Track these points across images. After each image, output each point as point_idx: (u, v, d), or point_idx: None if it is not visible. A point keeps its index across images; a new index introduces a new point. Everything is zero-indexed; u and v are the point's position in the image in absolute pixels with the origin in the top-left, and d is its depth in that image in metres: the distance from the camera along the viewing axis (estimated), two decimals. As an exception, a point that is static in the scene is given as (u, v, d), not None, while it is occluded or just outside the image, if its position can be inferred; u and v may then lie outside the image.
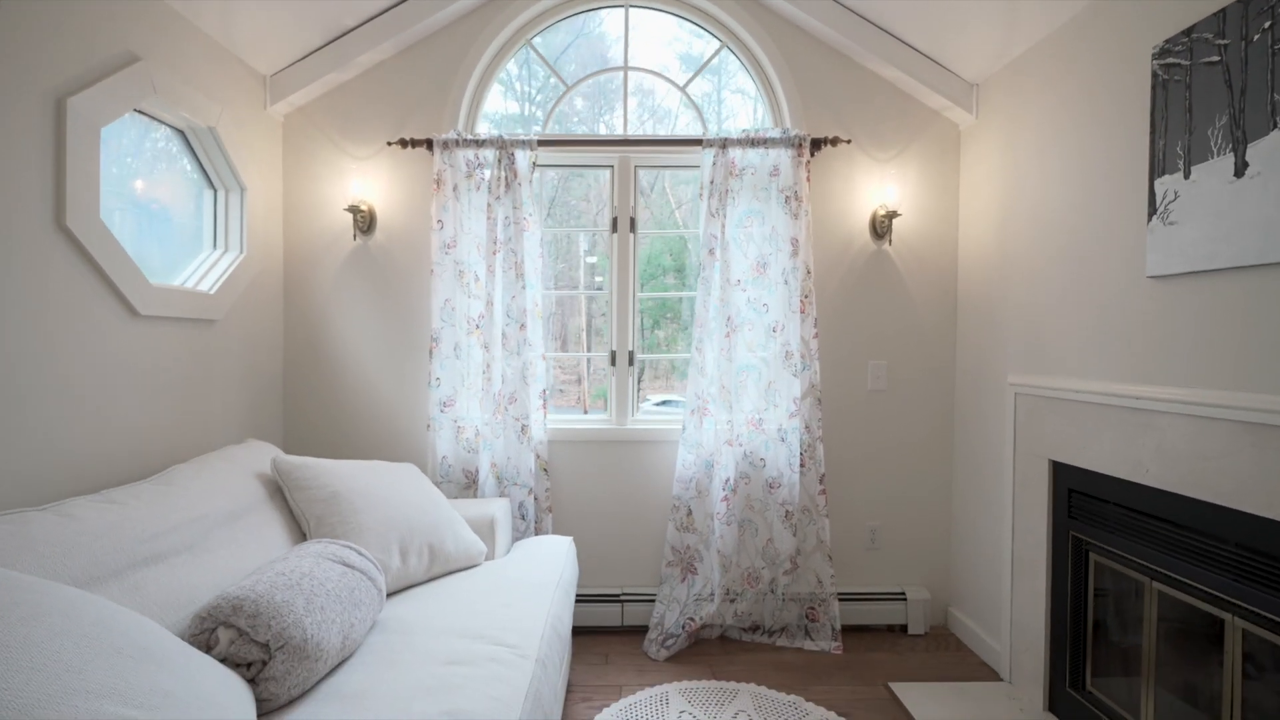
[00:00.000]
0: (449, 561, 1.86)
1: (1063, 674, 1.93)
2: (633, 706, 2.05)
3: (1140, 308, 1.68)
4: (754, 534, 2.51)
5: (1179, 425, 1.51)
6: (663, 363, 2.88)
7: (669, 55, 2.78)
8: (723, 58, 2.76)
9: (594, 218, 2.88)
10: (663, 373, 2.86)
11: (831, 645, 2.43)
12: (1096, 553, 1.83)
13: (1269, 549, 1.32)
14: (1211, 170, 1.46)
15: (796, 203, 2.48)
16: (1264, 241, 1.34)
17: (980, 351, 2.44)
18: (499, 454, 2.48)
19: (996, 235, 2.34)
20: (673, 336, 2.90)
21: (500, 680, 1.27)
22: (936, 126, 2.62)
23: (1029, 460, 2.06)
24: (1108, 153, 1.80)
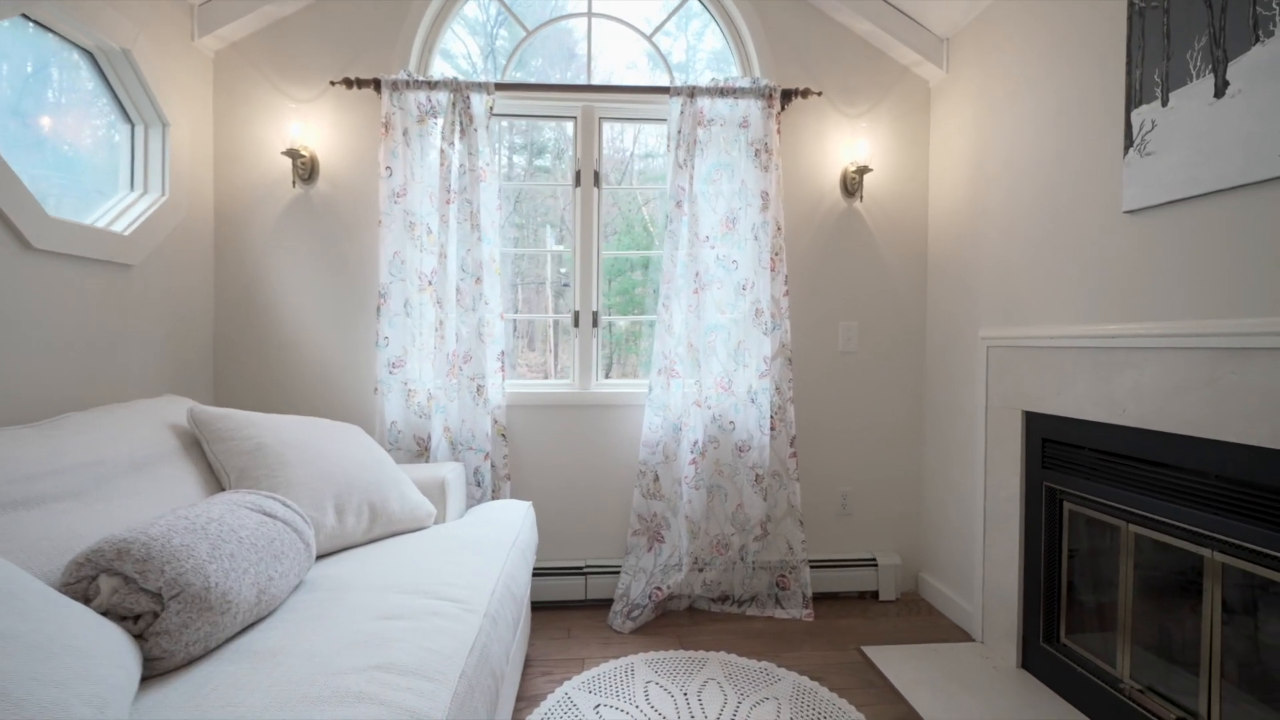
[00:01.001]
0: (392, 522, 1.70)
1: (1036, 629, 1.89)
2: (596, 679, 1.93)
3: (1117, 245, 1.63)
4: (723, 499, 2.42)
5: (1158, 360, 1.46)
6: (629, 360, 2.74)
7: (635, 14, 2.64)
8: (691, 22, 2.65)
9: (558, 206, 2.74)
10: (630, 371, 2.73)
11: (803, 613, 2.36)
12: (1071, 501, 1.79)
13: (1250, 477, 1.28)
14: (1191, 94, 1.42)
15: (767, 155, 2.39)
16: (1245, 160, 1.29)
17: (951, 308, 2.40)
18: (453, 418, 2.32)
19: (968, 190, 2.29)
20: (638, 332, 2.75)
21: (442, 633, 1.13)
22: (907, 83, 2.57)
23: (1001, 414, 2.02)
24: (1082, 91, 1.76)
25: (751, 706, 1.78)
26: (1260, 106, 1.27)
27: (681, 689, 1.87)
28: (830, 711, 1.75)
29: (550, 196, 2.68)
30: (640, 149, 2.74)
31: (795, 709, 1.76)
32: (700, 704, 1.80)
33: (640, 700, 1.82)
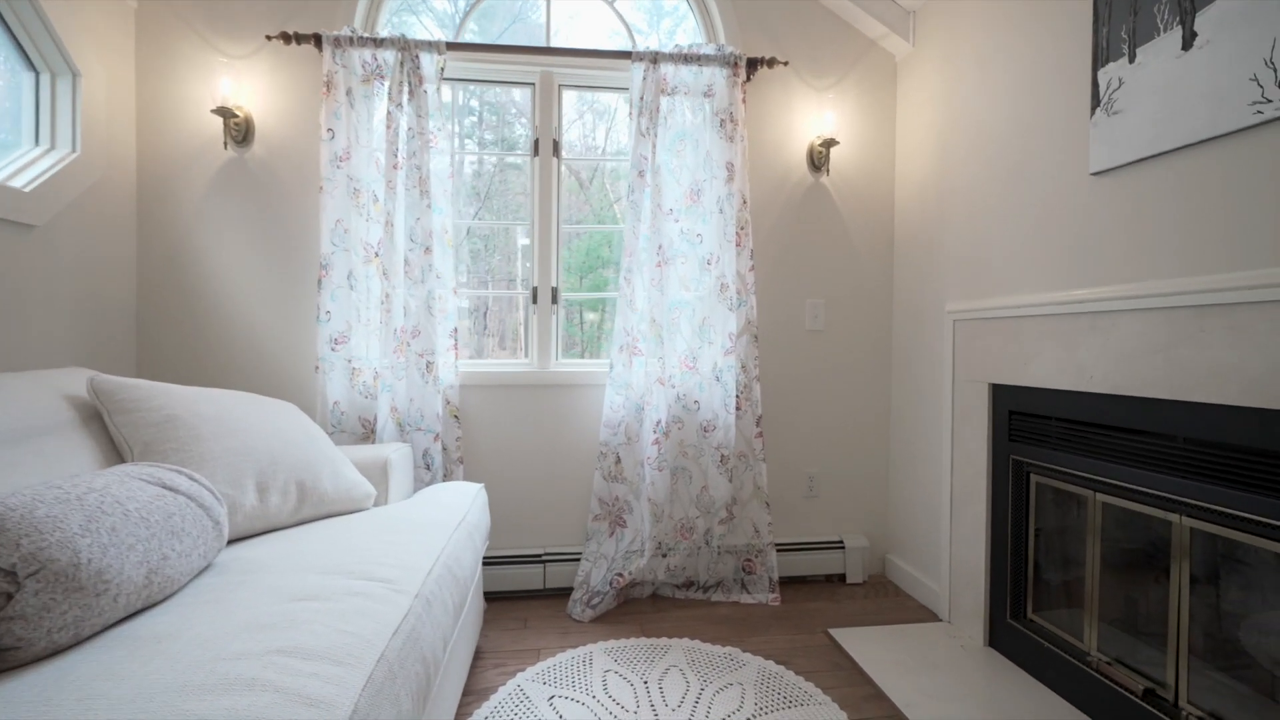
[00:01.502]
0: (325, 503, 1.56)
1: (1003, 607, 1.85)
2: (551, 669, 1.82)
3: (1083, 208, 1.60)
4: (688, 481, 2.33)
5: (1125, 323, 1.43)
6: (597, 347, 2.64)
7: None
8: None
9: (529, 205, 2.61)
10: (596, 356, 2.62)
11: (769, 597, 2.28)
12: (1038, 473, 1.75)
13: (1218, 437, 1.24)
14: (1158, 49, 1.38)
15: (732, 125, 2.31)
16: (1214, 111, 1.26)
17: (918, 284, 2.35)
18: (400, 397, 2.17)
19: (935, 163, 2.25)
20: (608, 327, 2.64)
21: (362, 615, 1.00)
22: (874, 56, 2.52)
23: (968, 388, 1.97)
24: (1050, 54, 1.72)
25: (715, 693, 1.70)
26: (1228, 56, 1.23)
27: (642, 677, 1.78)
28: (796, 695, 1.68)
29: (521, 193, 2.54)
30: (612, 145, 2.63)
31: (760, 693, 1.69)
32: (661, 692, 1.71)
33: (598, 690, 1.72)
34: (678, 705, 1.64)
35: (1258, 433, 1.17)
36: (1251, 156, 1.21)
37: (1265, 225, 1.19)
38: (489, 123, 2.64)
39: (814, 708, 1.62)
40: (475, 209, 2.55)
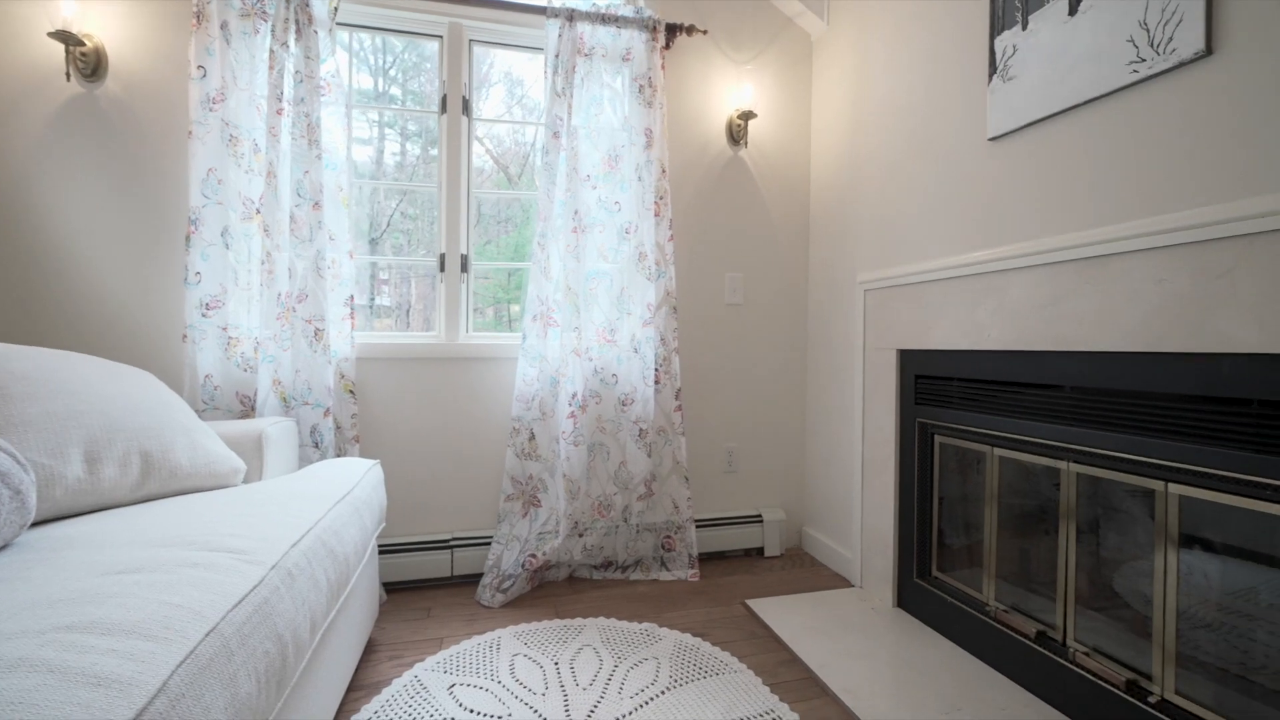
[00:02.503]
0: (178, 477, 1.35)
1: (910, 568, 1.89)
2: (454, 657, 1.68)
3: (981, 172, 1.65)
4: (605, 457, 2.25)
5: (1018, 281, 1.47)
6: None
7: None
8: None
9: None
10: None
11: (688, 573, 2.24)
12: (942, 434, 1.80)
13: (1098, 383, 1.30)
14: (1047, 15, 1.43)
15: (651, 91, 2.25)
16: (1096, 73, 1.31)
17: (832, 257, 2.39)
18: (284, 368, 1.96)
19: (847, 139, 2.29)
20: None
21: (196, 585, 0.85)
22: (790, 34, 2.54)
23: (878, 356, 2.01)
24: (952, 26, 1.77)
25: (630, 668, 1.62)
26: (1108, 20, 1.29)
27: (553, 659, 1.68)
28: (712, 665, 1.63)
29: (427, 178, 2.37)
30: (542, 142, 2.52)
31: (676, 666, 1.63)
32: (572, 672, 1.61)
33: (504, 675, 1.60)
34: (589, 684, 1.55)
35: (1133, 376, 1.23)
36: (1130, 113, 1.27)
37: (1142, 178, 1.25)
38: (402, 86, 2.44)
39: (729, 675, 1.58)
40: (391, 174, 2.36)
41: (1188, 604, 1.19)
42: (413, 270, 2.37)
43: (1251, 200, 1.02)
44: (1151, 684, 1.23)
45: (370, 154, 2.36)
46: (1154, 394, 1.20)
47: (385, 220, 2.38)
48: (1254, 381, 1.04)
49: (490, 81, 2.45)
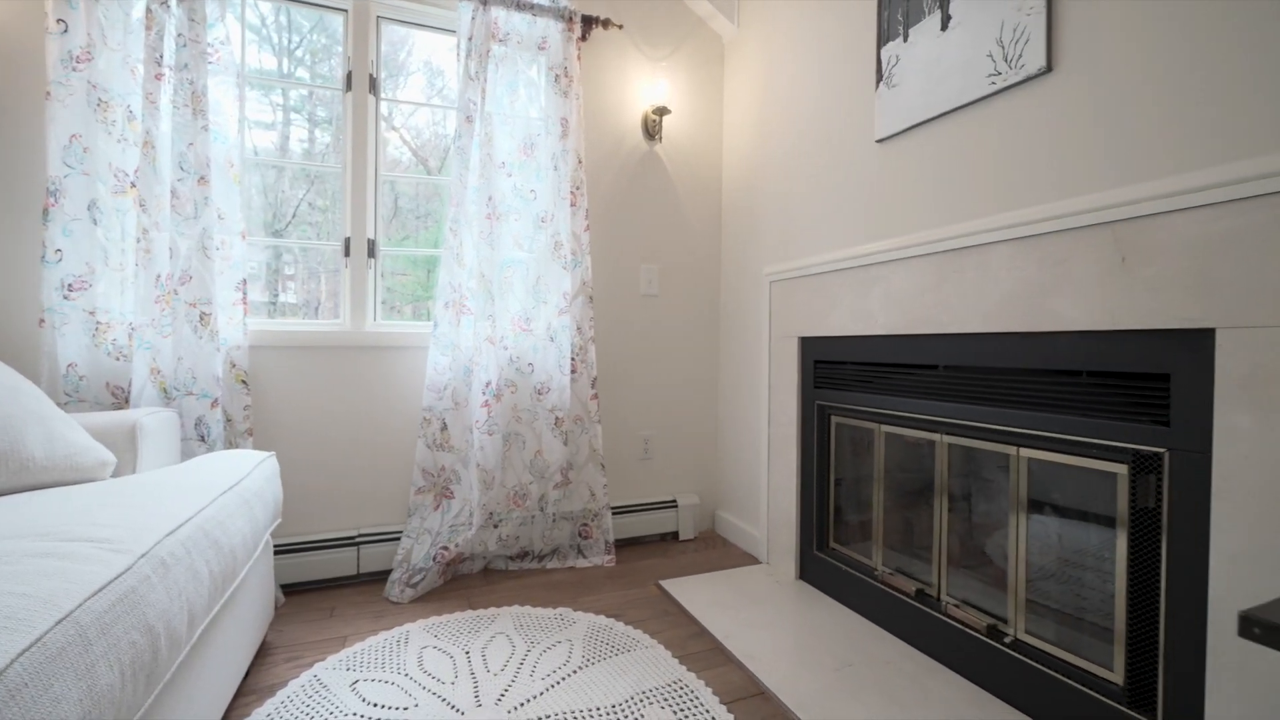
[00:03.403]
0: (30, 470, 1.22)
1: (811, 542, 2.02)
2: (358, 654, 1.62)
3: (871, 171, 1.79)
4: (521, 447, 2.23)
5: (901, 270, 1.61)
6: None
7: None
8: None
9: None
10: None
11: (605, 559, 2.27)
12: (837, 415, 1.93)
13: (965, 361, 1.44)
14: (924, 29, 1.58)
15: (567, 81, 2.26)
16: (963, 82, 1.46)
17: (742, 250, 2.50)
18: (165, 356, 1.81)
19: (756, 139, 2.40)
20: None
21: (50, 575, 0.78)
22: (703, 35, 2.63)
23: (782, 344, 2.13)
24: (846, 36, 1.90)
25: (542, 652, 1.63)
26: (973, 35, 1.44)
27: (464, 648, 1.65)
28: (625, 642, 1.67)
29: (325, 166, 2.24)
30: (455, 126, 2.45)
31: (589, 646, 1.65)
32: (484, 659, 1.60)
33: (412, 668, 1.56)
34: (500, 669, 1.54)
35: (992, 354, 1.38)
36: (990, 119, 1.43)
37: (1000, 177, 1.41)
38: (310, 69, 2.30)
39: (641, 651, 1.62)
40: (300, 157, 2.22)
41: (1036, 557, 1.35)
42: (322, 265, 2.24)
43: (1080, 199, 1.18)
44: (1007, 627, 1.39)
45: (274, 139, 2.22)
46: (1008, 369, 1.36)
47: (291, 210, 2.25)
48: (1082, 355, 1.20)
49: (409, 69, 2.37)
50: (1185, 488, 1.05)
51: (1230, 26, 1.02)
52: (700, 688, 1.45)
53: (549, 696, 1.42)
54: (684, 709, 1.37)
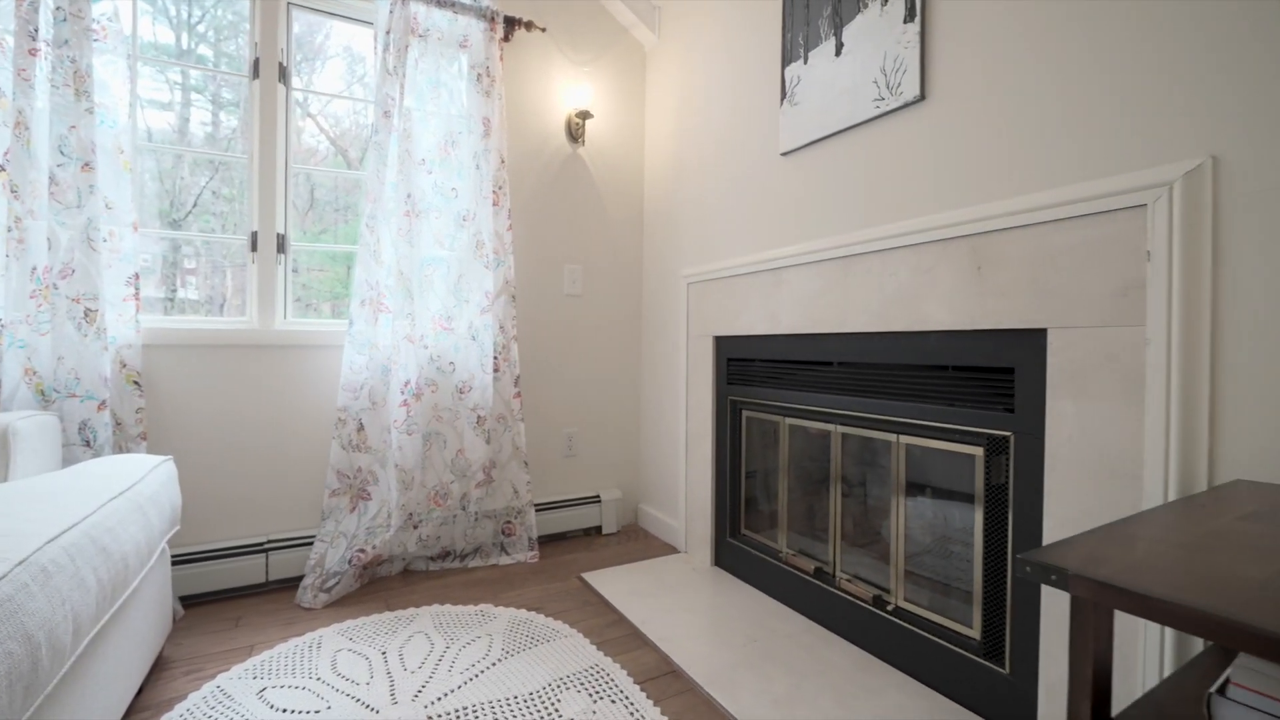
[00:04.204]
0: (-119, 478, 1.11)
1: (725, 530, 2.13)
2: (266, 662, 1.57)
3: (776, 182, 1.92)
4: (442, 446, 2.22)
5: (801, 274, 1.75)
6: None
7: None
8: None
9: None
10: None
11: (528, 555, 2.29)
12: (748, 409, 2.06)
13: (854, 358, 1.59)
14: (821, 54, 1.72)
15: (489, 81, 2.27)
16: (853, 105, 1.61)
17: (662, 253, 2.59)
18: (43, 356, 1.67)
19: (675, 146, 2.50)
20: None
21: (-90, 584, 0.73)
22: (626, 42, 2.70)
23: (698, 342, 2.23)
24: (755, 53, 2.03)
25: (462, 647, 1.64)
26: (861, 62, 1.59)
27: (380, 649, 1.64)
28: (545, 633, 1.71)
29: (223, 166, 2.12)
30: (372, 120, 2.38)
31: (509, 639, 1.68)
32: (401, 658, 1.59)
33: (325, 671, 1.53)
34: (418, 667, 1.55)
35: (876, 351, 1.53)
36: (876, 139, 1.58)
37: (887, 191, 1.56)
38: (214, 46, 2.18)
39: (561, 640, 1.67)
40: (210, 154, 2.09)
41: (914, 533, 1.51)
42: (228, 258, 2.13)
43: (946, 214, 1.34)
44: (890, 596, 1.55)
45: (171, 121, 2.08)
46: (890, 365, 1.51)
47: (192, 199, 2.12)
48: (948, 352, 1.36)
49: (327, 54, 2.29)
50: (1026, 465, 1.22)
51: (1064, 69, 1.20)
52: (616, 670, 1.51)
53: (468, 689, 1.45)
54: (599, 690, 1.43)
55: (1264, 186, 0.93)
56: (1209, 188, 0.98)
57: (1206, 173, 0.98)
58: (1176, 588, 0.50)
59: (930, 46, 1.44)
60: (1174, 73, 1.03)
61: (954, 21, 1.38)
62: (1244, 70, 0.95)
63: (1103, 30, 1.13)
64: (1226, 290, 0.97)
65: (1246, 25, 0.95)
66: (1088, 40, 1.15)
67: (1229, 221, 0.97)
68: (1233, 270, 0.96)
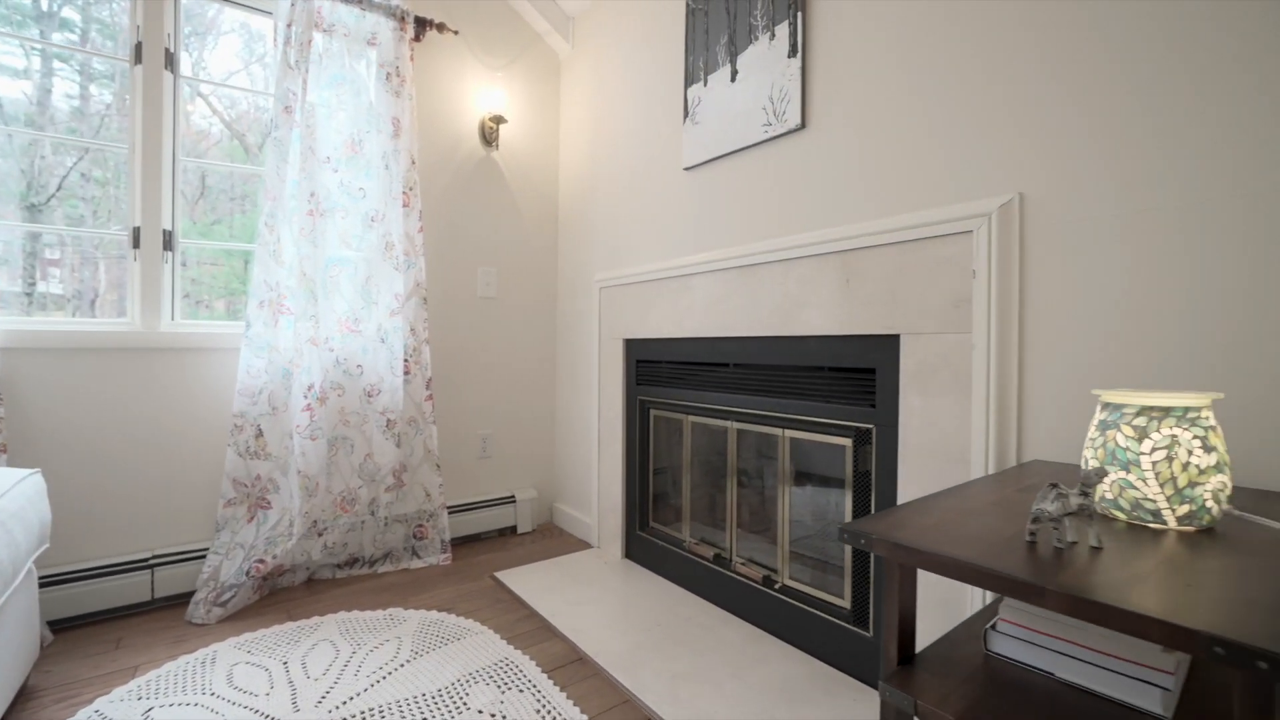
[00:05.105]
0: None
1: (635, 524, 2.24)
2: (152, 682, 1.50)
3: (680, 194, 2.05)
4: (349, 451, 2.18)
5: (702, 281, 1.88)
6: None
7: None
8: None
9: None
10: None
11: (441, 558, 2.29)
12: (655, 408, 2.17)
13: (748, 360, 1.74)
14: (719, 78, 1.86)
15: (399, 81, 2.25)
16: (747, 128, 1.76)
17: (577, 257, 2.67)
18: (-123, 359, 1.50)
19: (588, 152, 2.58)
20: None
21: None
22: (540, 50, 2.75)
23: (610, 344, 2.32)
24: (661, 71, 2.15)
25: (369, 652, 1.63)
26: (753, 89, 1.74)
27: (281, 660, 1.60)
28: (456, 632, 1.73)
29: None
30: (272, 115, 2.27)
31: (418, 640, 1.69)
32: (304, 667, 1.57)
33: (220, 686, 1.48)
34: (322, 674, 1.53)
35: (766, 353, 1.69)
36: (766, 160, 1.74)
37: (776, 208, 1.72)
38: (82, 10, 2.00)
39: (472, 638, 1.70)
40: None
41: (797, 517, 1.68)
42: (101, 249, 1.98)
43: (824, 231, 1.50)
44: (778, 576, 1.70)
45: (28, 90, 1.90)
46: (778, 366, 1.67)
47: (55, 182, 1.95)
48: (825, 354, 1.53)
49: (221, 29, 2.16)
50: (885, 453, 1.40)
51: (918, 111, 1.38)
52: (525, 662, 1.57)
53: (375, 691, 1.45)
54: (508, 682, 1.48)
55: (1053, 218, 1.14)
56: (1017, 219, 1.18)
57: (1015, 206, 1.18)
58: (946, 544, 0.64)
59: (810, 81, 1.60)
60: (997, 123, 1.23)
61: (830, 60, 1.55)
62: (1042, 126, 1.16)
63: (949, 85, 1.32)
64: (1030, 303, 1.18)
65: (1048, 92, 1.16)
66: (937, 90, 1.34)
67: (1031, 247, 1.18)
68: (1034, 287, 1.17)
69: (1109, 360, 1.07)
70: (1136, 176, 1.04)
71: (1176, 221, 1.00)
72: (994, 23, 1.23)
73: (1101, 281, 1.08)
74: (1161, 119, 1.02)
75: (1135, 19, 1.05)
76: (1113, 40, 1.07)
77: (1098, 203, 1.09)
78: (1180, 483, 0.66)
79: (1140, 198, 1.04)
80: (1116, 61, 1.07)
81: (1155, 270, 1.02)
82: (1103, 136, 1.08)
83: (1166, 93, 1.01)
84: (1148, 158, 1.03)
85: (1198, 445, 0.66)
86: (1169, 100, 1.01)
